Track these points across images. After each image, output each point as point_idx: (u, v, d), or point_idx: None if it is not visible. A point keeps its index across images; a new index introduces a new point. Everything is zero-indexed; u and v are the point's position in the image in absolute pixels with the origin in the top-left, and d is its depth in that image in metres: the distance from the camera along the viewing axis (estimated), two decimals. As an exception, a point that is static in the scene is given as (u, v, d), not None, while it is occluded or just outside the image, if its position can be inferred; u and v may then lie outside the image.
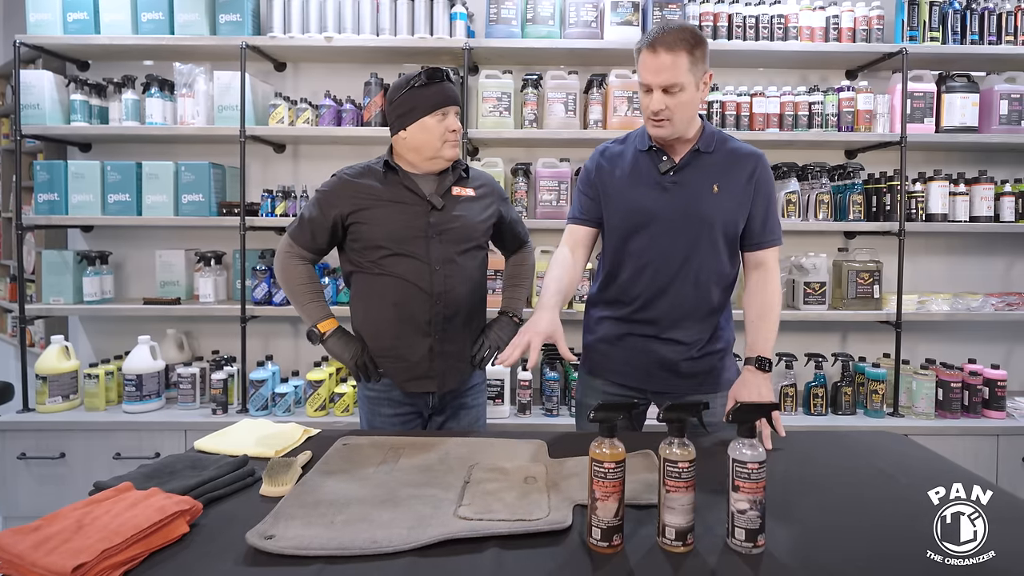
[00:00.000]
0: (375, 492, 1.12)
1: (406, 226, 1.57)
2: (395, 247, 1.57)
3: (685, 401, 0.98)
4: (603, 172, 1.59)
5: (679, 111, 1.42)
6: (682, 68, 1.39)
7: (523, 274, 1.84)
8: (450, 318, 1.61)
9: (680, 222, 1.50)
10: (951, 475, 1.21)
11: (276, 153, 2.80)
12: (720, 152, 1.53)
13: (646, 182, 1.53)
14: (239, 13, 2.52)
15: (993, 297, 2.63)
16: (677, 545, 0.94)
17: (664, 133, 1.46)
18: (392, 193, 1.59)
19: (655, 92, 1.41)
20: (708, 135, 1.53)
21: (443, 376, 1.63)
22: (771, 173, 1.56)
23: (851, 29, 2.55)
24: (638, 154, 1.55)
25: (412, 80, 1.56)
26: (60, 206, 2.53)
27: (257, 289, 2.55)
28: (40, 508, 2.06)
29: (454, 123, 1.58)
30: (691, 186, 1.51)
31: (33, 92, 2.51)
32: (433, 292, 1.58)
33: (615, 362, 1.62)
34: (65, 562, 0.84)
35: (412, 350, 1.60)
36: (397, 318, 1.59)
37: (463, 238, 1.62)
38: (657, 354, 1.57)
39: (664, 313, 1.55)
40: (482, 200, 1.68)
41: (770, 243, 1.56)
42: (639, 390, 1.62)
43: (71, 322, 2.83)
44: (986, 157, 2.77)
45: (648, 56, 1.41)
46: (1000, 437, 2.41)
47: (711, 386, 1.59)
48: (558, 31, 2.57)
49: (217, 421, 2.38)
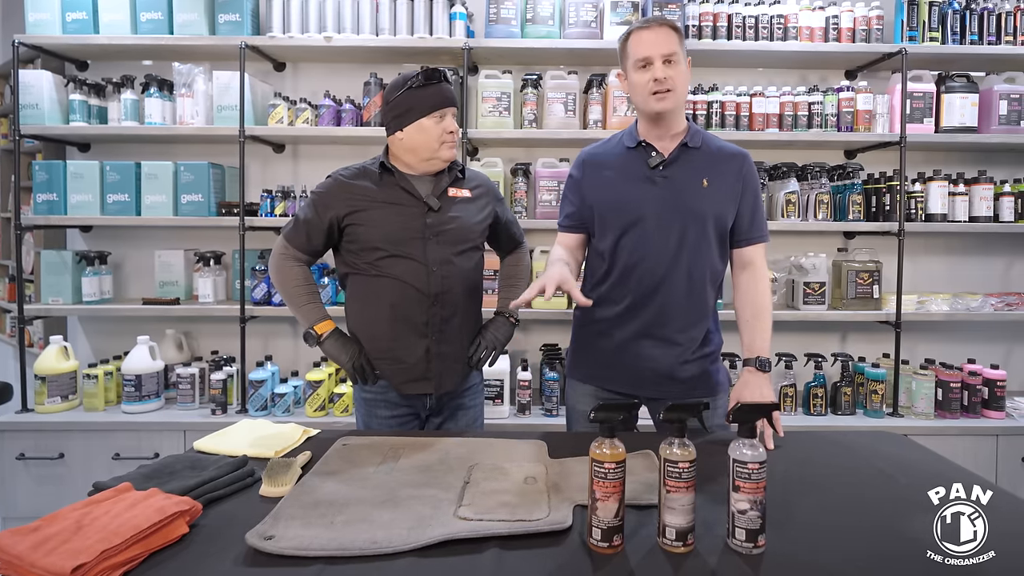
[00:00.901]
0: (375, 492, 1.12)
1: (403, 227, 1.56)
2: (392, 249, 1.56)
3: (686, 402, 0.98)
4: (588, 175, 1.62)
5: (678, 83, 1.49)
6: (675, 41, 1.49)
7: (518, 274, 1.84)
8: (447, 319, 1.61)
9: (671, 216, 1.51)
10: (951, 475, 1.21)
11: (275, 153, 2.80)
12: (707, 148, 1.56)
13: (636, 177, 1.55)
14: (238, 13, 2.52)
15: (992, 297, 2.63)
16: (677, 545, 0.94)
17: (668, 105, 1.50)
18: (388, 195, 1.58)
19: (657, 62, 1.48)
20: (694, 131, 1.57)
21: (440, 377, 1.63)
22: (756, 171, 1.59)
23: (851, 29, 2.55)
24: (626, 152, 1.59)
25: (409, 81, 1.55)
26: (59, 206, 2.53)
27: (256, 289, 2.55)
28: (39, 509, 2.04)
29: (451, 124, 1.57)
30: (681, 180, 1.52)
31: (32, 92, 2.51)
32: (430, 293, 1.57)
33: (603, 366, 1.60)
34: (64, 563, 0.83)
35: (409, 352, 1.60)
36: (394, 319, 1.58)
37: (460, 239, 1.61)
38: (648, 357, 1.55)
39: (656, 312, 1.53)
40: (478, 201, 1.67)
41: (758, 239, 1.58)
42: (628, 395, 1.57)
43: (70, 322, 2.83)
44: (985, 157, 2.77)
45: (645, 32, 1.50)
46: (999, 437, 2.41)
47: (704, 391, 1.57)
48: (558, 31, 2.57)
49: (216, 421, 2.38)
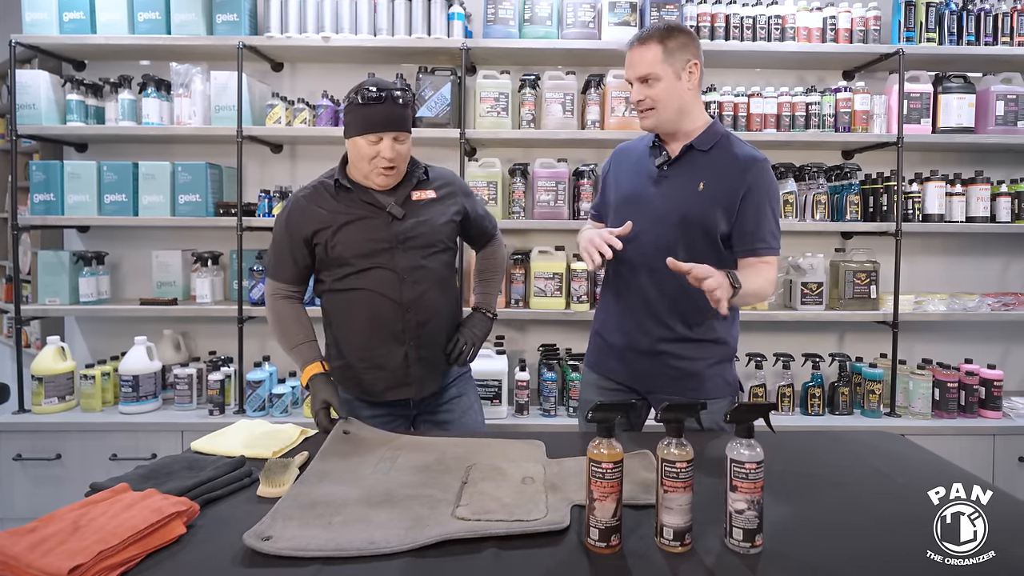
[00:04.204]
0: (372, 493, 1.12)
1: (369, 240, 1.53)
2: (360, 263, 1.53)
3: (683, 401, 0.98)
4: (614, 166, 1.70)
5: (660, 100, 1.50)
6: (654, 59, 1.48)
7: (493, 268, 1.82)
8: (423, 324, 1.58)
9: (665, 216, 1.52)
10: (948, 475, 1.22)
11: (273, 153, 2.79)
12: (717, 151, 1.53)
13: (644, 173, 1.59)
14: (236, 13, 2.52)
15: (989, 297, 2.64)
16: (675, 545, 0.94)
17: (649, 123, 1.54)
18: (350, 210, 1.54)
19: (635, 84, 1.52)
20: (709, 134, 1.54)
21: (421, 382, 1.61)
22: (772, 179, 1.51)
23: (848, 30, 2.55)
24: (646, 148, 1.63)
25: (356, 94, 1.48)
26: (56, 206, 2.52)
27: (254, 290, 2.54)
28: (36, 510, 2.02)
29: (388, 151, 1.46)
30: (678, 181, 1.54)
31: (29, 92, 2.50)
32: (402, 301, 1.54)
33: (612, 358, 1.64)
34: (61, 563, 0.83)
35: (388, 359, 1.58)
36: (370, 329, 1.56)
37: (428, 243, 1.58)
38: (652, 350, 1.57)
39: (657, 308, 1.55)
40: (444, 201, 1.63)
41: (765, 251, 1.49)
42: (632, 390, 1.62)
43: (67, 323, 2.82)
44: (982, 158, 2.78)
45: (629, 53, 1.54)
46: (996, 437, 2.42)
47: (708, 390, 1.56)
48: (556, 31, 2.57)
49: (214, 422, 2.37)
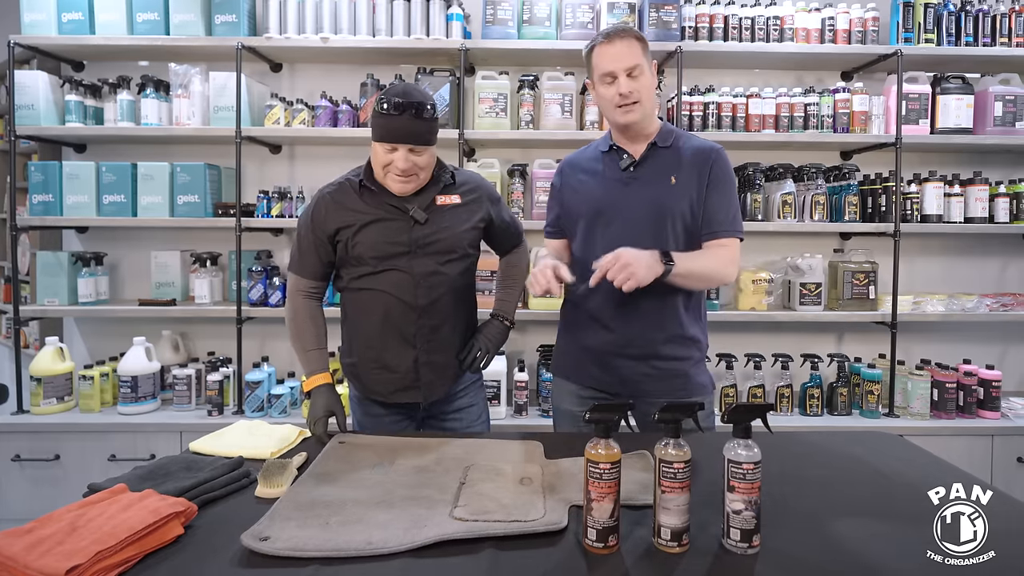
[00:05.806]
0: (371, 493, 1.12)
1: (389, 243, 1.53)
2: (378, 264, 1.53)
3: (682, 401, 0.98)
4: (566, 182, 1.67)
5: (644, 93, 1.52)
6: (638, 52, 1.51)
7: (516, 275, 1.81)
8: (435, 328, 1.58)
9: (642, 215, 1.53)
10: (946, 475, 1.22)
11: (272, 154, 2.79)
12: (677, 146, 1.57)
13: (608, 179, 1.59)
14: (235, 14, 2.52)
15: (988, 298, 2.64)
16: (672, 545, 0.94)
17: (635, 117, 1.52)
18: (374, 210, 1.54)
19: (621, 77, 1.50)
20: (665, 131, 1.59)
21: (429, 387, 1.61)
22: (729, 166, 1.58)
23: (846, 31, 2.56)
24: (600, 156, 1.63)
25: (380, 101, 1.47)
26: (55, 207, 2.52)
27: (253, 290, 2.54)
28: (34, 510, 2.02)
29: (402, 162, 1.46)
30: (650, 179, 1.55)
31: (27, 92, 2.50)
32: (416, 305, 1.54)
33: (583, 364, 1.62)
34: (59, 564, 0.83)
35: (398, 361, 1.58)
36: (382, 330, 1.56)
37: (447, 249, 1.57)
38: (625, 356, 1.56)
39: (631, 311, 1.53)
40: (469, 206, 1.62)
41: (724, 233, 1.53)
42: (609, 394, 1.59)
43: (66, 323, 2.82)
44: (980, 158, 2.78)
45: (607, 47, 1.52)
46: (995, 437, 2.42)
47: (684, 391, 1.56)
48: (554, 32, 2.57)
49: (213, 422, 2.37)
